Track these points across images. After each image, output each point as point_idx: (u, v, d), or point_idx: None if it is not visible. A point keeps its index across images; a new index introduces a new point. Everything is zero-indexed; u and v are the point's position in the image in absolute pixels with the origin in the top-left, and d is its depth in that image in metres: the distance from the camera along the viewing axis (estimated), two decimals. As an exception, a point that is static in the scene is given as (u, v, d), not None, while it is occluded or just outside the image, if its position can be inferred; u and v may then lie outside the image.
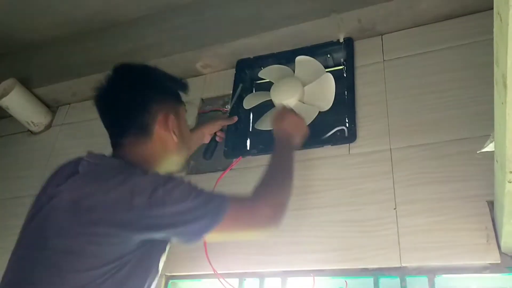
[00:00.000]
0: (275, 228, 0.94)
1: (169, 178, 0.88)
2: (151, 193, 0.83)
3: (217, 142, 1.37)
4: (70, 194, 0.88)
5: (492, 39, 0.58)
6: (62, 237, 0.84)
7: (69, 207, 0.85)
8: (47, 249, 0.84)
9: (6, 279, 0.89)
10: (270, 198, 0.95)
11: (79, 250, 0.82)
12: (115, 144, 1.02)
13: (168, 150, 1.03)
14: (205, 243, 1.18)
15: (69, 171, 0.95)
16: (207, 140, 1.36)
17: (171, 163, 1.06)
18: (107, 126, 1.04)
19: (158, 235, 0.86)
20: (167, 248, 0.97)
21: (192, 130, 1.31)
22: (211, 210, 0.86)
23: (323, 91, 1.30)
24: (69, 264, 0.82)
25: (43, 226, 0.88)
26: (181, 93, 1.11)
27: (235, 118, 1.39)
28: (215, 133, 1.36)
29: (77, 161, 0.98)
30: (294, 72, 1.41)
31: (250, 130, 1.47)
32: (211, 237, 0.87)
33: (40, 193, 0.99)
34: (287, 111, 1.19)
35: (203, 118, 1.53)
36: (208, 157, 1.36)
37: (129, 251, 0.85)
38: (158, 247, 0.93)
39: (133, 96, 1.00)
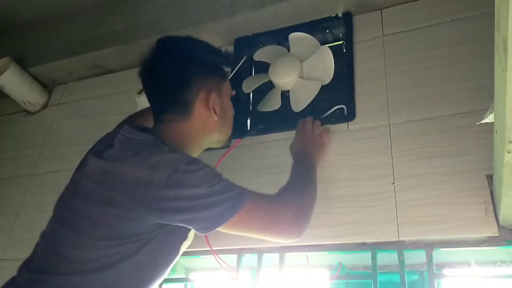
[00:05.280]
0: (294, 237, 0.92)
1: (193, 160, 0.86)
2: (171, 172, 0.82)
3: None
4: (100, 164, 0.90)
5: (493, 12, 0.57)
6: (87, 203, 0.87)
7: (97, 176, 0.89)
8: (75, 213, 0.88)
9: (46, 234, 0.94)
10: (293, 204, 0.93)
11: (98, 218, 0.84)
12: (155, 119, 1.01)
13: (207, 129, 1.00)
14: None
15: (107, 142, 0.97)
16: None
17: (210, 141, 1.04)
18: (150, 100, 1.03)
19: (171, 219, 0.85)
20: (190, 236, 0.94)
21: None
22: (229, 199, 0.84)
23: (322, 65, 1.29)
24: (88, 230, 0.85)
25: (75, 191, 0.92)
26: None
27: (233, 92, 1.37)
28: None
29: (117, 133, 0.98)
30: (289, 50, 1.40)
31: (251, 109, 1.46)
32: (225, 228, 0.85)
33: (82, 159, 1.03)
34: (308, 130, 1.16)
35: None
36: None
37: (145, 232, 0.84)
38: (180, 234, 0.91)
39: (175, 72, 0.98)
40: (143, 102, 1.49)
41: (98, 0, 1.75)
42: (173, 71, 0.98)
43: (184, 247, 0.95)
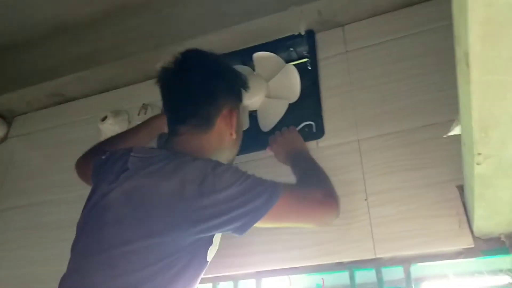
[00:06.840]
0: (330, 216, 0.95)
1: (216, 163, 0.86)
2: (201, 181, 0.81)
3: None
4: (122, 188, 0.86)
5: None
6: (118, 232, 0.82)
7: (123, 201, 0.84)
8: (105, 245, 0.82)
9: (70, 268, 0.87)
10: (319, 187, 0.95)
11: (135, 246, 0.80)
12: (171, 131, 0.99)
13: (222, 145, 1.01)
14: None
15: (119, 168, 0.92)
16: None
17: (220, 158, 1.01)
18: (168, 110, 1.01)
19: (212, 227, 0.82)
20: (215, 241, 0.91)
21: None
22: (264, 191, 0.84)
23: (288, 83, 1.28)
24: (125, 260, 0.80)
25: (99, 222, 0.86)
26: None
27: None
28: None
29: (124, 156, 0.94)
30: (254, 70, 1.39)
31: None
32: (262, 222, 0.84)
33: (93, 188, 0.96)
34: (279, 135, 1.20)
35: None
36: None
37: (182, 247, 0.82)
38: (205, 241, 0.88)
39: (204, 85, 0.98)
40: (106, 129, 1.45)
41: (54, 27, 1.69)
42: (201, 86, 0.98)
43: (212, 253, 0.92)
